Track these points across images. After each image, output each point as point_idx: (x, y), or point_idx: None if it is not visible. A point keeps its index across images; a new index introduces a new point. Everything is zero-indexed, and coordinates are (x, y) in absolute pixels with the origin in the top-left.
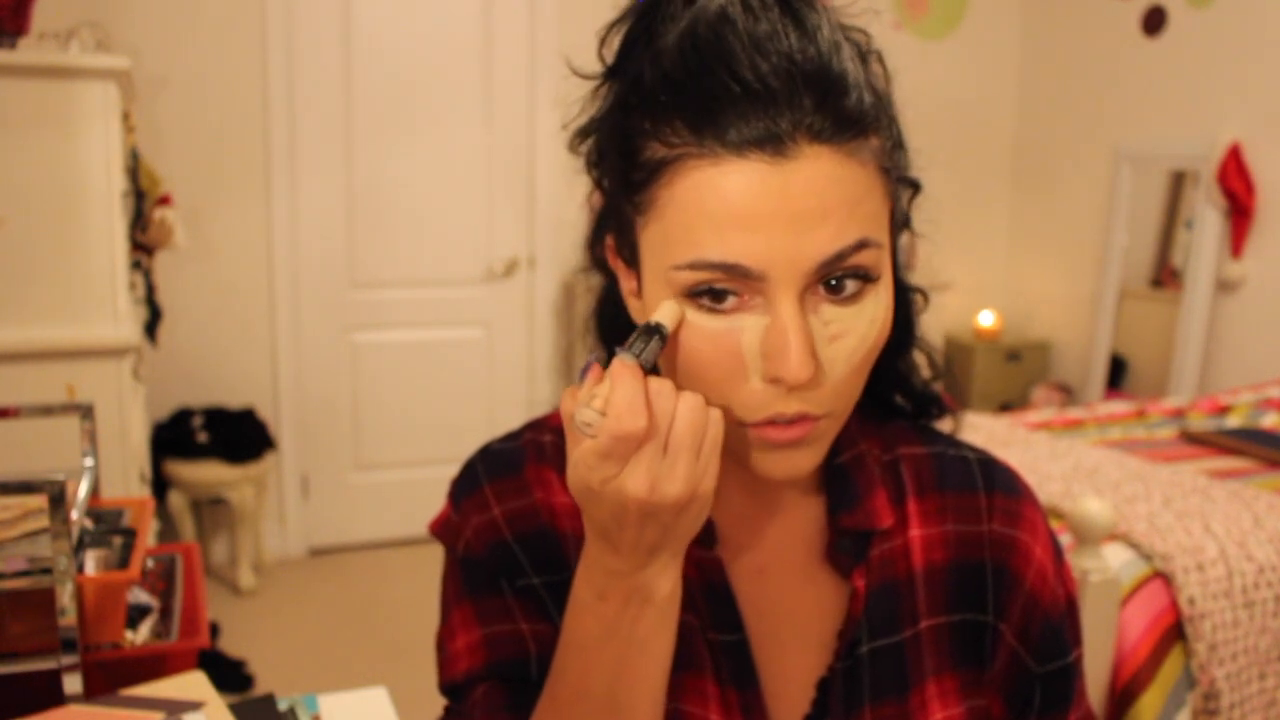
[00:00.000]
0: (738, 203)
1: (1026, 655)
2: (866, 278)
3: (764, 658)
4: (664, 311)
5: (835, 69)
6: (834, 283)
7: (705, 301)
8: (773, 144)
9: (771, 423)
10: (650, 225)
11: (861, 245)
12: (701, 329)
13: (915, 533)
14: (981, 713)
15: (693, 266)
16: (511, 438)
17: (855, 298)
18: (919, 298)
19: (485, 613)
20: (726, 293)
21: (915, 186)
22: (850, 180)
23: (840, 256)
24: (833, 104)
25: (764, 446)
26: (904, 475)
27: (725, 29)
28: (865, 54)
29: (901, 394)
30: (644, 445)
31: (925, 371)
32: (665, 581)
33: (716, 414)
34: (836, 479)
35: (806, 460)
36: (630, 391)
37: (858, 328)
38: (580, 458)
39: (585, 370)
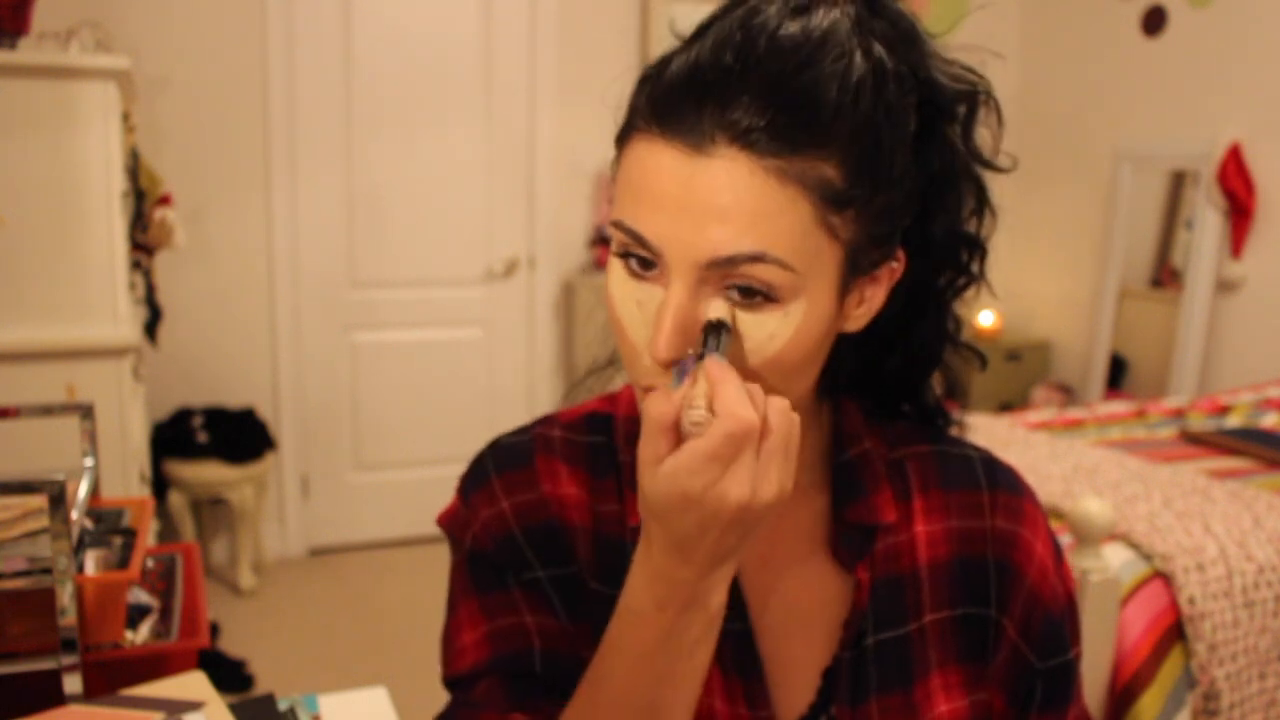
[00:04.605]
0: (650, 181)
1: (1028, 650)
2: (766, 295)
3: (768, 647)
4: (716, 307)
5: (802, 82)
6: (745, 289)
7: (632, 264)
8: (693, 137)
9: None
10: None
11: (757, 259)
12: (626, 288)
13: (920, 528)
14: (984, 706)
15: (616, 225)
16: (520, 432)
17: (757, 307)
18: (975, 358)
19: (490, 607)
20: (649, 263)
21: (972, 243)
22: (760, 193)
23: (733, 261)
24: (771, 111)
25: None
26: (909, 473)
27: (749, 22)
28: (885, 87)
29: (912, 407)
30: (749, 447)
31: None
32: (722, 590)
33: (797, 417)
34: (841, 474)
35: None
36: (739, 390)
37: (754, 336)
38: (682, 463)
39: (683, 371)
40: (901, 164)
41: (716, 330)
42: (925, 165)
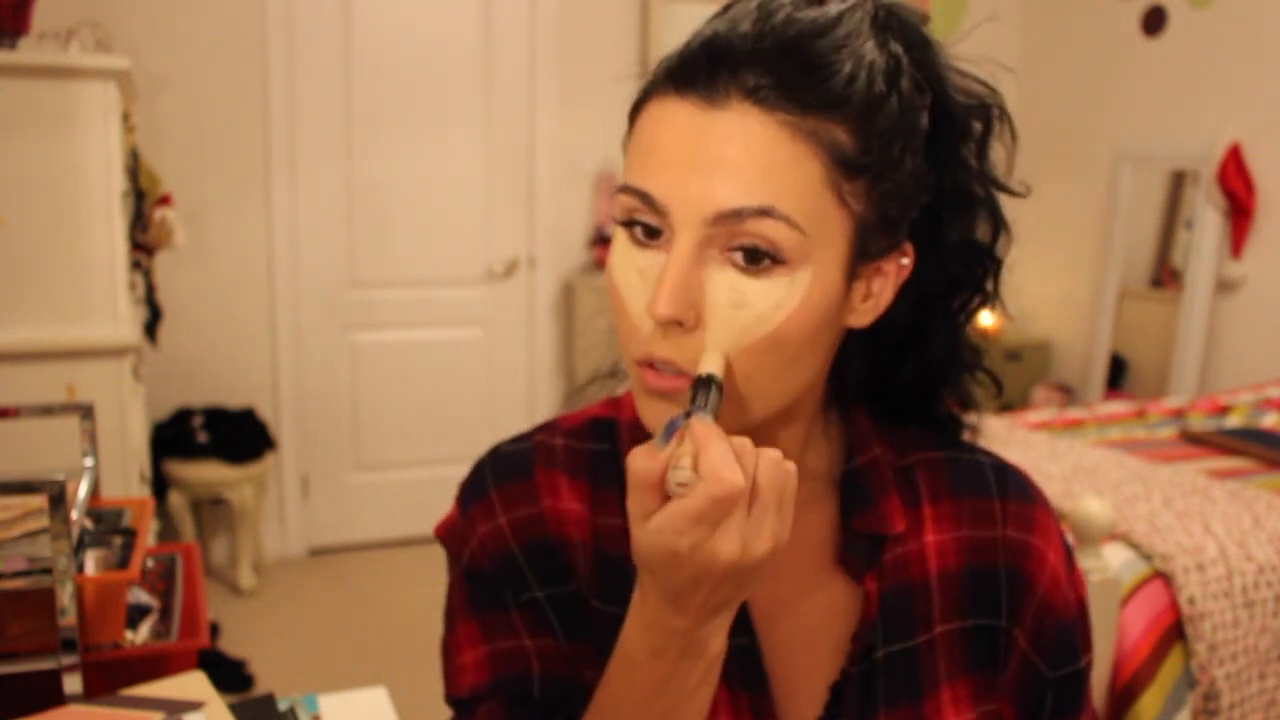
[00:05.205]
0: (662, 136)
1: (1039, 660)
2: (773, 256)
3: (774, 660)
4: (710, 361)
5: (810, 47)
6: (751, 251)
7: (637, 233)
8: (707, 90)
9: (649, 364)
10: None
11: (765, 212)
12: (628, 257)
13: (930, 538)
14: (993, 717)
15: (622, 190)
16: (521, 439)
17: (764, 272)
18: (990, 380)
19: (490, 628)
20: (654, 230)
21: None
22: (773, 146)
23: (739, 215)
24: (783, 71)
25: (643, 389)
26: (919, 481)
27: (766, 4)
28: (899, 79)
29: (923, 413)
30: (737, 507)
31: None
32: (720, 637)
33: (792, 468)
34: (849, 483)
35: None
36: (723, 452)
37: (759, 305)
38: (667, 522)
39: (672, 429)
40: (913, 158)
41: (706, 386)
42: (937, 174)
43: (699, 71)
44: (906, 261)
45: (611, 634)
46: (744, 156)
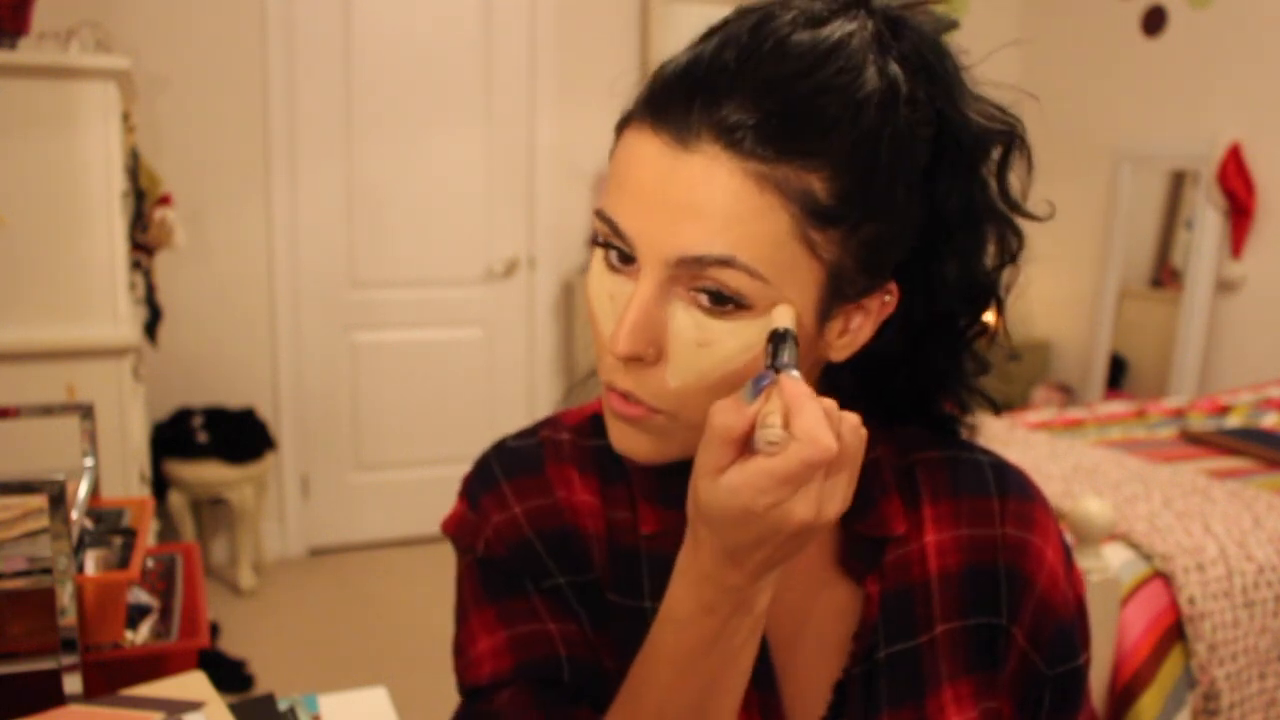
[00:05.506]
0: (633, 171)
1: (1037, 658)
2: (737, 302)
3: (779, 660)
4: (782, 315)
5: (795, 88)
6: (715, 294)
7: (612, 257)
8: (679, 129)
9: (613, 389)
10: None
11: (726, 262)
12: (602, 281)
13: (930, 538)
14: (994, 714)
15: (598, 214)
16: (527, 435)
17: (728, 314)
18: (988, 404)
19: (509, 614)
20: (628, 257)
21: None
22: (740, 195)
23: (700, 262)
24: (761, 113)
25: (609, 411)
26: (919, 481)
27: (760, 26)
28: (894, 110)
29: (922, 414)
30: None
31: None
32: (768, 595)
33: (865, 433)
34: None
35: (639, 445)
36: (819, 414)
37: (727, 345)
38: (748, 480)
39: (759, 385)
40: (903, 195)
41: (782, 340)
42: (938, 203)
43: (675, 104)
44: (890, 299)
45: (626, 628)
46: (708, 204)
